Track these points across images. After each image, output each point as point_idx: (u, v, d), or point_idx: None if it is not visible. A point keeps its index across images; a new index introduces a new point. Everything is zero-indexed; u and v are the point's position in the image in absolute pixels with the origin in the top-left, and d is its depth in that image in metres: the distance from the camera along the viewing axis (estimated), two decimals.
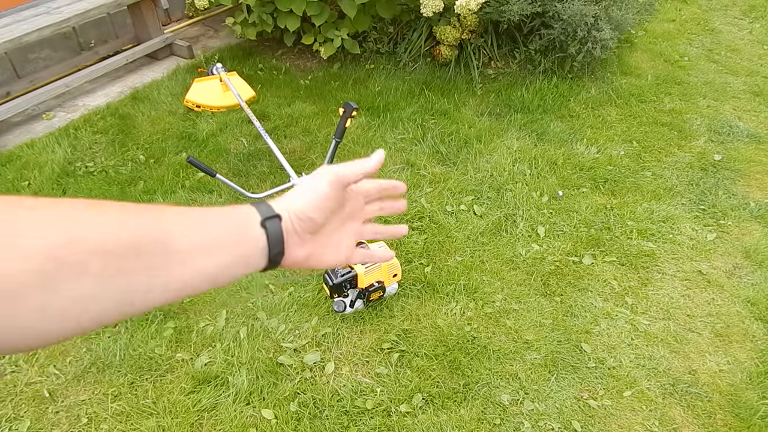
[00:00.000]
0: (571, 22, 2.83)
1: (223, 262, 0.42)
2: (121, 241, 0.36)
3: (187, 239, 0.40)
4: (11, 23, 2.67)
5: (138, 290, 0.37)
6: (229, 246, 0.43)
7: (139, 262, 0.36)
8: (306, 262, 0.50)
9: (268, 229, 0.45)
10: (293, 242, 0.48)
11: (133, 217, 0.38)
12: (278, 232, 0.46)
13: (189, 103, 2.70)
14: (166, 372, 1.66)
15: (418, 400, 1.60)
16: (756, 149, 2.74)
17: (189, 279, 0.40)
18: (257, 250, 0.45)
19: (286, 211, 0.47)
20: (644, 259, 2.10)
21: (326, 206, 0.49)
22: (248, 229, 0.44)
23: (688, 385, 1.69)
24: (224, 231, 0.43)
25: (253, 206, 0.46)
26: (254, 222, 0.45)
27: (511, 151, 2.62)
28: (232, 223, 0.44)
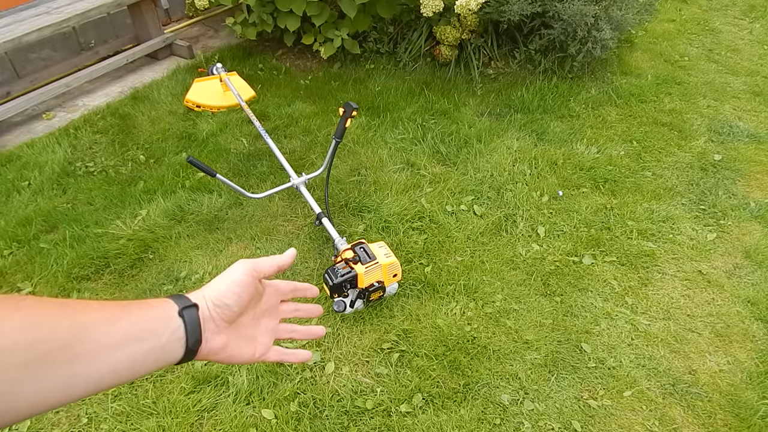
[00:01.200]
0: (571, 22, 2.83)
1: (143, 351, 0.44)
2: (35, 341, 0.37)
3: (109, 330, 0.41)
4: (11, 23, 2.67)
5: (59, 386, 0.38)
6: (149, 336, 0.44)
7: (61, 356, 0.38)
8: (222, 352, 0.51)
9: (185, 318, 0.47)
10: (210, 330, 0.49)
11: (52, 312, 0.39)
12: (195, 320, 0.47)
13: (189, 103, 2.70)
14: (166, 372, 1.66)
15: (418, 400, 1.60)
16: (756, 149, 2.74)
17: (111, 370, 0.41)
18: (174, 340, 0.46)
19: (203, 299, 0.49)
20: (644, 259, 2.10)
21: (241, 293, 0.51)
22: (167, 319, 0.46)
23: (688, 385, 1.69)
24: (145, 322, 0.44)
25: (170, 298, 0.48)
26: (172, 312, 0.46)
27: (511, 151, 2.62)
28: (151, 314, 0.45)
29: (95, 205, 2.26)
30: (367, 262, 1.70)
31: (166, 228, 2.14)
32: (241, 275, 0.51)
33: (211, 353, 0.50)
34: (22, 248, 2.05)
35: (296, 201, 2.29)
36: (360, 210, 2.26)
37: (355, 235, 2.14)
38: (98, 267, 1.98)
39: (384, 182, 2.39)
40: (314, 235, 2.13)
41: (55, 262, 1.97)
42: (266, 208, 2.26)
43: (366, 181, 2.41)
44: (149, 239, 2.09)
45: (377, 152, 2.58)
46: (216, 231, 2.14)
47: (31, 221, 2.15)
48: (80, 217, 2.17)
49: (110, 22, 3.32)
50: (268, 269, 0.54)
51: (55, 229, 2.14)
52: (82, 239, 2.08)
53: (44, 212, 2.20)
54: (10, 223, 2.15)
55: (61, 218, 2.17)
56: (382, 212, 2.23)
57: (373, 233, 2.14)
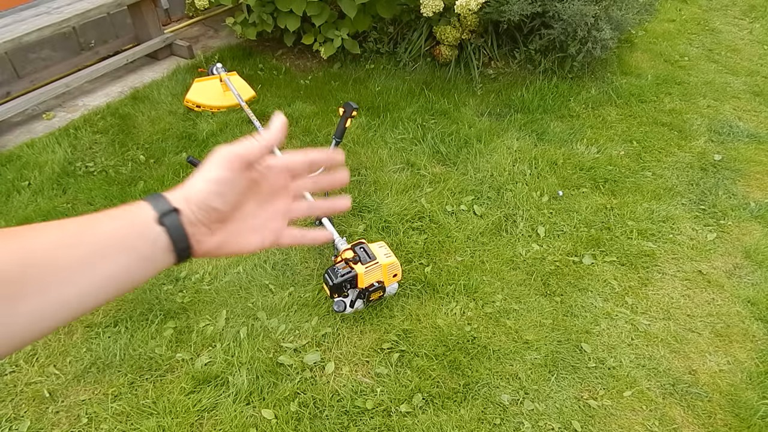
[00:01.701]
0: (571, 22, 2.83)
1: (121, 268, 0.40)
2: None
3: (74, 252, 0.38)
4: (11, 23, 2.67)
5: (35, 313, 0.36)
6: (124, 251, 0.40)
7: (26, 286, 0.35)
8: (220, 250, 0.45)
9: (167, 226, 0.41)
10: (200, 233, 0.43)
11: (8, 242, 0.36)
12: (179, 228, 0.42)
13: (189, 103, 2.70)
14: (166, 372, 1.66)
15: (418, 400, 1.60)
16: (756, 149, 2.74)
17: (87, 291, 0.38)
18: (159, 250, 0.41)
19: (186, 202, 0.43)
20: (644, 259, 2.10)
21: (226, 191, 0.44)
22: (143, 229, 0.40)
23: (688, 385, 1.69)
24: (116, 236, 0.40)
25: (147, 202, 0.42)
26: (149, 220, 0.41)
27: (511, 151, 2.62)
28: (124, 225, 0.40)
29: (95, 205, 2.26)
30: (367, 262, 1.70)
31: None
32: (221, 170, 0.43)
33: (207, 254, 0.45)
34: None
35: None
36: (360, 210, 2.26)
37: (355, 235, 2.14)
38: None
39: (384, 182, 2.39)
40: None
41: None
42: None
43: (366, 181, 2.41)
44: None
45: (377, 152, 2.58)
46: None
47: (31, 221, 2.15)
48: None
49: (110, 22, 3.32)
50: (253, 154, 0.45)
51: None
52: None
53: (44, 212, 2.20)
54: (10, 223, 2.15)
55: (61, 218, 2.16)
56: (382, 212, 2.23)
57: (373, 233, 2.14)
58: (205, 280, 1.94)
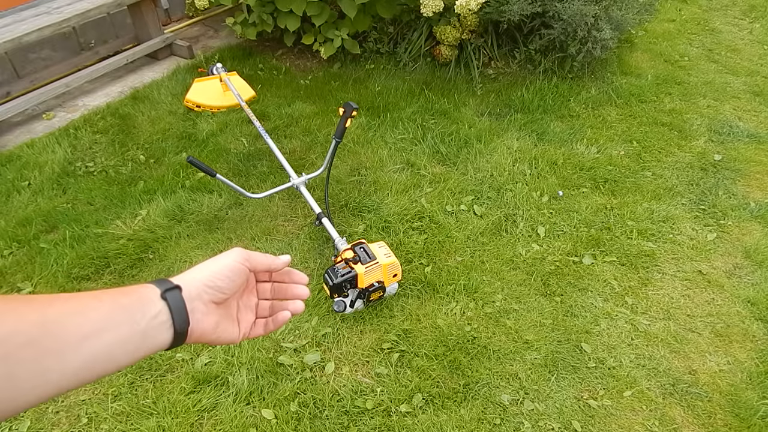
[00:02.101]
0: (571, 22, 2.83)
1: (119, 339, 0.42)
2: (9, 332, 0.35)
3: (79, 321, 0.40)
4: (11, 23, 2.67)
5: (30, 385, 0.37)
6: (124, 324, 0.42)
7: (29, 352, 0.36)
8: (215, 333, 0.50)
9: (168, 300, 0.45)
10: (200, 311, 0.48)
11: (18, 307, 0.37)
12: (180, 302, 0.46)
13: (189, 103, 2.70)
14: (166, 372, 1.66)
15: (418, 400, 1.60)
16: (756, 149, 2.74)
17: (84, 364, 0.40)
18: (158, 324, 0.44)
19: (192, 281, 0.48)
20: (644, 259, 2.10)
21: (234, 279, 0.51)
22: (145, 304, 0.44)
23: (689, 385, 1.69)
24: (118, 310, 0.42)
25: (151, 283, 0.46)
26: (152, 296, 0.45)
27: (511, 151, 2.62)
28: (126, 301, 0.43)
29: (95, 205, 2.26)
30: (367, 262, 1.70)
31: (166, 228, 2.14)
32: (236, 262, 0.51)
33: (204, 335, 0.49)
34: (22, 248, 2.05)
35: (296, 201, 2.29)
36: (360, 210, 2.26)
37: (355, 235, 2.14)
38: (98, 267, 1.98)
39: (384, 182, 2.39)
40: (314, 235, 2.13)
41: (55, 262, 1.97)
42: (266, 208, 2.26)
43: (366, 181, 2.41)
44: (149, 239, 2.09)
45: (377, 152, 2.58)
46: (216, 231, 2.14)
47: (31, 221, 2.15)
48: (80, 217, 2.17)
49: (110, 22, 3.32)
50: (259, 265, 0.54)
51: (55, 229, 2.14)
52: (82, 239, 2.08)
53: (44, 212, 2.20)
54: (10, 223, 2.15)
55: (61, 218, 2.17)
56: (382, 212, 2.23)
57: (373, 233, 2.14)
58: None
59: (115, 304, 0.43)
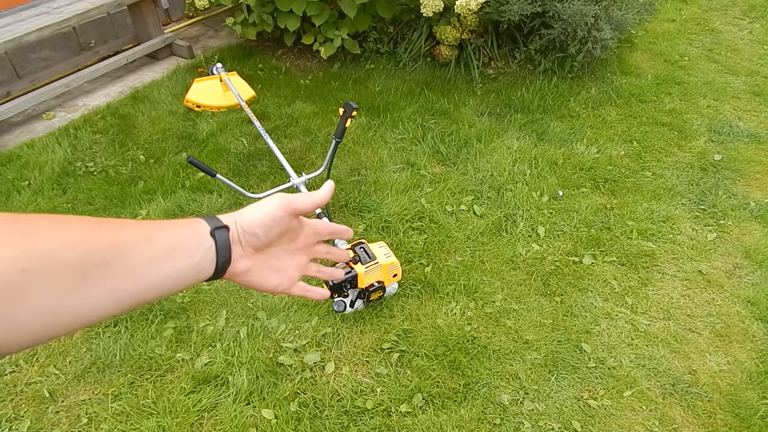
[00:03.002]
0: (571, 22, 2.83)
1: (179, 268, 0.45)
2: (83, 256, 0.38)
3: (148, 248, 0.43)
4: (11, 23, 2.67)
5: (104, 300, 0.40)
6: (184, 254, 0.45)
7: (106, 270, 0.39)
8: (245, 276, 0.52)
9: (216, 238, 0.48)
10: (237, 252, 0.51)
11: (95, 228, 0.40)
12: (226, 241, 0.49)
13: (189, 103, 2.70)
14: (166, 372, 1.66)
15: (418, 400, 1.60)
16: (756, 149, 2.74)
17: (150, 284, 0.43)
18: (207, 258, 0.47)
19: (234, 222, 0.50)
20: (644, 259, 2.10)
21: (272, 226, 0.52)
22: (199, 238, 0.47)
23: (688, 385, 1.69)
24: (179, 240, 0.46)
25: (203, 218, 0.49)
26: (204, 232, 0.47)
27: (511, 151, 2.62)
28: (185, 233, 0.47)
29: (95, 205, 2.26)
30: (367, 262, 1.70)
31: None
32: (275, 209, 0.52)
33: (234, 275, 0.52)
34: None
35: None
36: (360, 210, 2.26)
37: (355, 235, 2.14)
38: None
39: (384, 182, 2.39)
40: None
41: None
42: None
43: (366, 181, 2.41)
44: None
45: (377, 152, 2.58)
46: None
47: None
48: None
49: (110, 22, 3.32)
50: (303, 206, 0.54)
51: None
52: None
53: (44, 212, 2.19)
54: None
55: None
56: (382, 212, 2.23)
57: (373, 233, 2.14)
58: None
59: (176, 237, 0.46)
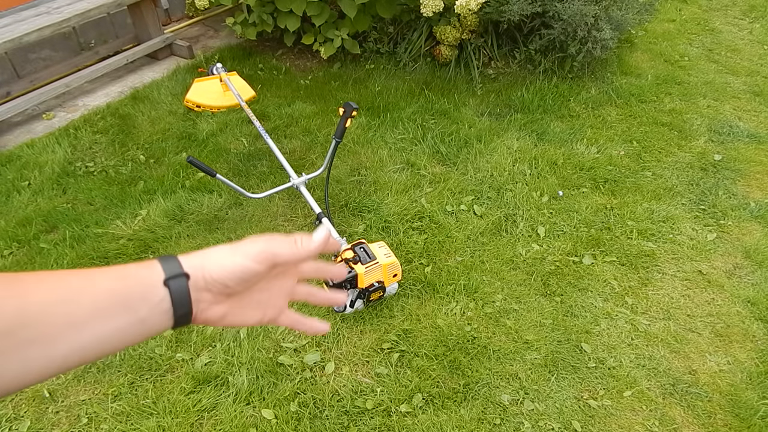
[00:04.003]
0: (571, 22, 2.83)
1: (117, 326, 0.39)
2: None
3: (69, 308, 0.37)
4: (11, 23, 2.67)
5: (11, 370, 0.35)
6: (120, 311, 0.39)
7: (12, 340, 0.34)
8: (221, 321, 0.46)
9: (171, 288, 0.41)
10: (206, 301, 0.44)
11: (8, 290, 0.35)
12: (184, 292, 0.42)
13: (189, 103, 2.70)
14: (166, 372, 1.66)
15: (418, 400, 1.60)
16: (756, 149, 2.74)
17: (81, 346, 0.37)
18: (159, 312, 0.41)
19: (201, 270, 0.43)
20: (644, 259, 2.10)
21: (247, 279, 0.45)
22: (148, 290, 0.41)
23: (689, 385, 1.69)
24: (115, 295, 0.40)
25: (159, 261, 0.42)
26: (155, 282, 0.41)
27: (511, 151, 2.62)
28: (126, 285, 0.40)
29: (95, 205, 2.26)
30: (367, 262, 1.70)
31: (166, 228, 2.14)
32: (254, 263, 0.45)
33: (209, 322, 0.45)
34: (22, 248, 2.05)
35: (296, 201, 2.29)
36: (360, 210, 2.25)
37: (355, 235, 2.14)
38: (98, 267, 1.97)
39: (384, 182, 2.39)
40: None
41: (55, 262, 1.97)
42: (266, 208, 2.26)
43: (366, 181, 2.41)
44: (149, 239, 2.08)
45: (377, 152, 2.58)
46: (216, 231, 2.14)
47: (31, 221, 2.15)
48: (80, 217, 2.17)
49: (110, 22, 3.32)
50: (289, 258, 0.47)
51: (55, 229, 2.14)
52: (82, 239, 2.08)
53: (44, 212, 2.20)
54: (10, 223, 2.15)
55: (61, 218, 2.17)
56: (382, 212, 2.23)
57: (373, 233, 2.14)
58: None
59: (110, 291, 0.39)
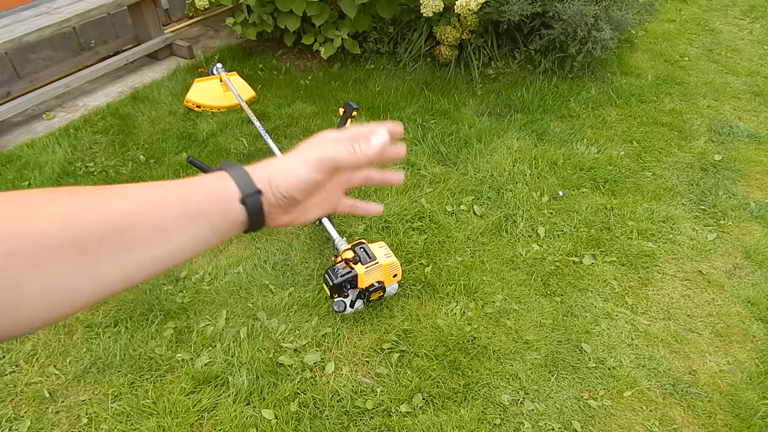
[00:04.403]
0: (571, 22, 2.83)
1: (197, 237, 0.43)
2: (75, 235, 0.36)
3: (159, 218, 0.40)
4: (11, 23, 2.67)
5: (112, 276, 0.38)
6: (205, 224, 0.43)
7: (107, 247, 0.37)
8: (289, 224, 0.51)
9: (248, 206, 0.45)
10: (275, 213, 0.48)
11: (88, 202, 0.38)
12: (258, 208, 0.46)
13: (189, 103, 2.70)
14: (166, 372, 1.66)
15: (418, 400, 1.60)
16: (756, 149, 2.74)
17: (162, 255, 0.40)
18: (235, 225, 0.45)
19: (269, 185, 0.46)
20: (644, 259, 2.10)
21: (311, 189, 0.48)
22: (226, 207, 0.44)
23: (689, 385, 1.69)
24: (200, 208, 0.43)
25: (233, 178, 0.45)
26: (233, 199, 0.44)
27: (511, 151, 2.62)
28: (208, 199, 0.43)
29: None
30: (367, 262, 1.70)
31: None
32: (316, 173, 0.47)
33: (277, 226, 0.50)
34: None
35: None
36: None
37: (355, 235, 2.14)
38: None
39: None
40: (314, 235, 2.13)
41: None
42: None
43: None
44: None
45: None
46: None
47: None
48: None
49: (110, 22, 3.32)
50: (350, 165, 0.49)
51: None
52: None
53: None
54: None
55: None
56: (382, 212, 2.23)
57: (373, 233, 2.14)
58: (205, 280, 1.94)
59: (195, 203, 0.42)
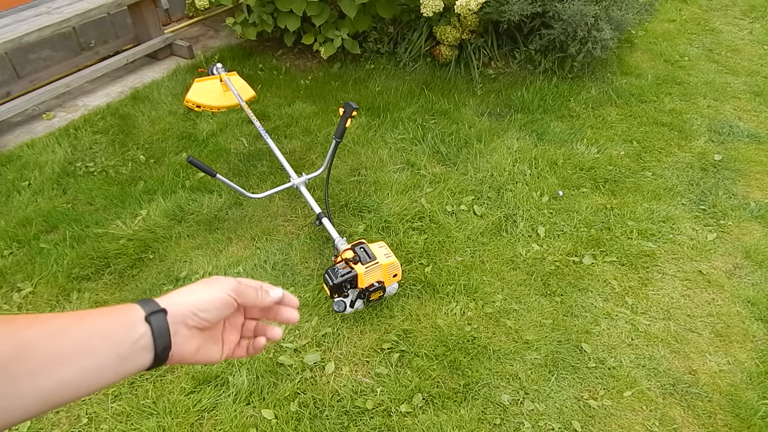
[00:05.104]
0: (571, 22, 2.83)
1: (95, 366, 0.41)
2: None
3: (55, 343, 0.39)
4: (11, 23, 2.67)
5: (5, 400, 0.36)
6: (103, 348, 0.42)
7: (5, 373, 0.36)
8: (195, 356, 0.50)
9: (152, 324, 0.44)
10: (183, 335, 0.48)
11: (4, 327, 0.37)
12: (164, 326, 0.45)
13: (189, 103, 2.70)
14: (166, 372, 1.66)
15: (418, 400, 1.60)
16: (756, 149, 2.74)
17: (56, 387, 0.39)
18: (140, 348, 0.44)
19: (178, 305, 0.48)
20: (644, 259, 2.10)
21: (222, 311, 0.51)
22: (129, 328, 0.43)
23: (689, 385, 1.69)
24: (100, 332, 0.42)
25: (137, 304, 0.46)
26: (136, 319, 0.44)
27: (511, 151, 2.62)
28: (109, 324, 0.43)
29: (95, 205, 2.26)
30: (367, 262, 1.70)
31: (166, 228, 2.14)
32: (226, 295, 0.51)
33: (183, 358, 0.49)
34: (22, 248, 2.05)
35: (296, 201, 2.29)
36: (360, 210, 2.26)
37: (355, 235, 2.14)
38: (98, 267, 1.98)
39: (384, 182, 2.39)
40: (314, 235, 2.13)
41: (55, 263, 1.97)
42: (266, 209, 2.26)
43: (366, 181, 2.41)
44: (149, 239, 2.09)
45: (377, 152, 2.58)
46: (216, 231, 2.14)
47: (31, 221, 2.15)
48: (80, 217, 2.17)
49: (110, 22, 3.32)
50: (249, 302, 0.53)
51: (56, 229, 2.14)
52: (82, 239, 2.08)
53: (44, 212, 2.20)
54: (10, 223, 2.15)
55: (61, 218, 2.17)
56: (382, 212, 2.23)
57: (373, 233, 2.14)
58: None
59: (96, 327, 0.42)
